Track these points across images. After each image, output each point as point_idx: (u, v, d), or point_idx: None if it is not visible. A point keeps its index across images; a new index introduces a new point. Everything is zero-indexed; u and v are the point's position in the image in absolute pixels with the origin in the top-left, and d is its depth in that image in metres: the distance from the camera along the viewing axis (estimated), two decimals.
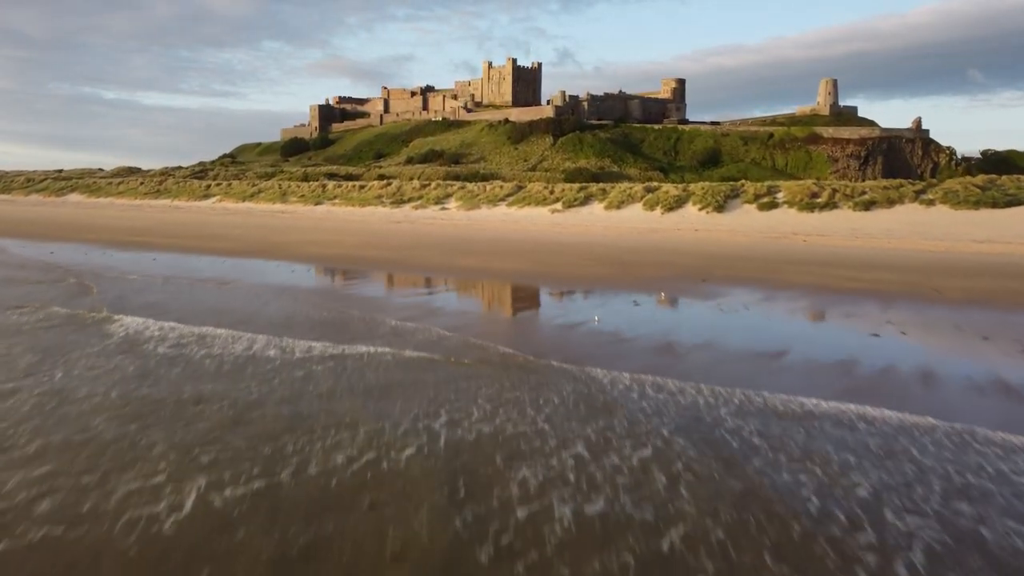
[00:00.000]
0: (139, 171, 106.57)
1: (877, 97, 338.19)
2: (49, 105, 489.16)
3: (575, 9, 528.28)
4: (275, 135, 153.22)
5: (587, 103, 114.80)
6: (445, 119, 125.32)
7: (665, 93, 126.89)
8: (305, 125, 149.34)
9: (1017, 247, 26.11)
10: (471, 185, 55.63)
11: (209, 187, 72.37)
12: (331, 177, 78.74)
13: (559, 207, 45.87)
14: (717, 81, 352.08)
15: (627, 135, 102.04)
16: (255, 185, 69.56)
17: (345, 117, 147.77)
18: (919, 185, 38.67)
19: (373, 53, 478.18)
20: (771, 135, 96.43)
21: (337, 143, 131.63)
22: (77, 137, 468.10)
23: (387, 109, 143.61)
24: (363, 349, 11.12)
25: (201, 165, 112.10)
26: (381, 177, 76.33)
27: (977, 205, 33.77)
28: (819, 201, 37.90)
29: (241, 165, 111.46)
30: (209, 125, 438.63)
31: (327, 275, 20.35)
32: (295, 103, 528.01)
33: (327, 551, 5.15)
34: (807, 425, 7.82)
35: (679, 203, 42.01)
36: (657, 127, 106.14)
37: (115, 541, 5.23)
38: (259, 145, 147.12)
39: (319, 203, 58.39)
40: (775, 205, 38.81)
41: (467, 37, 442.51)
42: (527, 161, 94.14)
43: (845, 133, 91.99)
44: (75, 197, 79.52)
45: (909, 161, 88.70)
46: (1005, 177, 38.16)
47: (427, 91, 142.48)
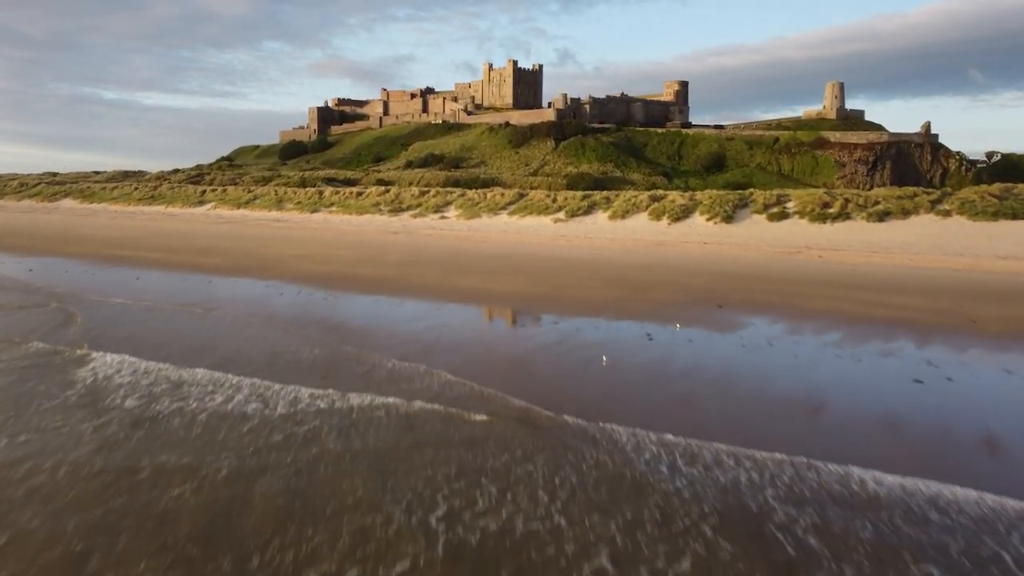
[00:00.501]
0: (136, 174, 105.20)
1: (878, 97, 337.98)
2: (49, 105, 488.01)
3: (575, 9, 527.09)
4: (275, 136, 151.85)
5: (589, 106, 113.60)
6: (445, 122, 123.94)
7: (668, 96, 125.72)
8: (304, 127, 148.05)
9: None
10: (471, 192, 54.34)
11: (204, 193, 71.09)
12: (329, 182, 77.46)
13: (562, 216, 44.65)
14: (718, 81, 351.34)
15: (630, 139, 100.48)
16: (251, 191, 68.23)
17: (344, 119, 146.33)
18: (934, 194, 37.46)
19: (373, 53, 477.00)
20: (776, 139, 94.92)
21: (336, 146, 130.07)
22: (77, 137, 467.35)
23: (386, 111, 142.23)
24: (355, 401, 10.04)
25: (198, 169, 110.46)
26: (380, 182, 75.07)
27: (996, 216, 32.60)
28: (831, 211, 36.71)
29: (238, 168, 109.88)
30: (209, 125, 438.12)
31: (319, 299, 19.16)
32: (295, 103, 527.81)
33: None
34: (872, 517, 6.66)
35: (686, 213, 40.82)
36: (660, 131, 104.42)
37: None
38: (257, 148, 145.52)
39: (316, 211, 57.11)
40: (785, 215, 37.63)
41: (467, 37, 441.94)
42: (528, 165, 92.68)
43: (853, 138, 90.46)
44: (68, 203, 78.22)
45: (918, 167, 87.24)
46: (1022, 186, 37.02)
47: (427, 93, 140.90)
